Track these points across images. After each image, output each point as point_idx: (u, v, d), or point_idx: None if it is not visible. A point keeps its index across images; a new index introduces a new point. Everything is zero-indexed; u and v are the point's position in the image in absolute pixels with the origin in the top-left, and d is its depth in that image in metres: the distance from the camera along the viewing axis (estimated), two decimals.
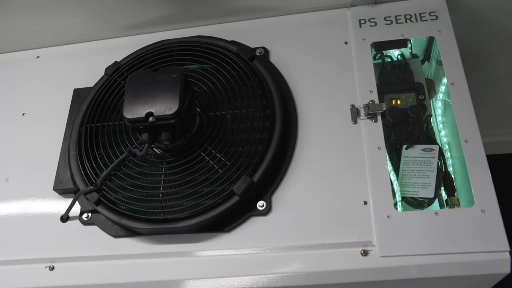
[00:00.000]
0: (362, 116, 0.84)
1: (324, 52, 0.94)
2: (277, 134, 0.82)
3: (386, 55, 0.98)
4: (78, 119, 0.93)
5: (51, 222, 0.87)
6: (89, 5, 1.02)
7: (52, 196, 0.90)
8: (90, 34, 1.08)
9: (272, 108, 0.84)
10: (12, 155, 0.97)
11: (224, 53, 0.91)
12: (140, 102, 0.77)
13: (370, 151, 0.81)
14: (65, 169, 0.90)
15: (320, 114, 0.87)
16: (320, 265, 0.74)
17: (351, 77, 0.89)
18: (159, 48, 0.96)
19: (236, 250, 0.77)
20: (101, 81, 0.97)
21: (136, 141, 0.86)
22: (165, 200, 0.79)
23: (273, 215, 0.79)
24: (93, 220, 0.85)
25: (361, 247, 0.74)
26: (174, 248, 0.79)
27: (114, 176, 0.84)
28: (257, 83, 0.87)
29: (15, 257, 0.85)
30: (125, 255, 0.81)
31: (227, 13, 1.01)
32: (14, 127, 1.01)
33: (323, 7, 0.99)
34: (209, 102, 0.86)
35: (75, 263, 0.82)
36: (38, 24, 1.06)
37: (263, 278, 0.75)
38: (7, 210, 0.90)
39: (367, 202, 0.77)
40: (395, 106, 0.90)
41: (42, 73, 1.08)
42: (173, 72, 0.79)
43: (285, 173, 0.82)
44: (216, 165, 0.80)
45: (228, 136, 0.83)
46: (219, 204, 0.77)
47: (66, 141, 0.93)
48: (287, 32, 0.99)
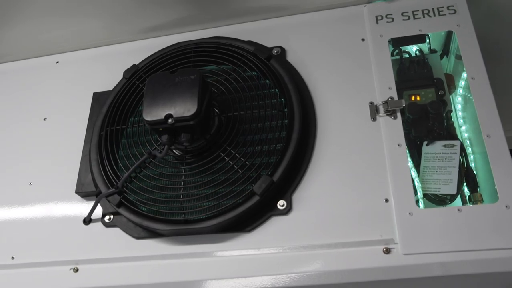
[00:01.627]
0: (381, 113, 0.84)
1: (341, 49, 0.93)
2: (296, 133, 0.82)
3: (404, 51, 0.98)
4: (98, 122, 0.94)
5: (74, 224, 0.88)
6: (106, 10, 1.03)
7: (74, 199, 0.91)
8: (108, 38, 1.10)
9: (290, 107, 0.84)
10: (34, 159, 0.98)
11: (241, 53, 0.91)
12: (159, 104, 0.78)
13: (390, 148, 0.80)
14: (86, 172, 0.91)
15: (338, 112, 0.87)
16: (342, 263, 0.73)
17: (369, 74, 0.88)
18: (177, 50, 0.97)
19: (257, 249, 0.78)
20: (119, 84, 0.98)
21: (156, 143, 0.86)
22: (186, 201, 0.80)
23: (294, 214, 0.79)
24: (115, 222, 0.86)
25: (383, 245, 0.73)
26: (195, 248, 0.80)
27: (135, 178, 0.85)
28: (274, 82, 0.87)
29: (40, 259, 0.86)
30: (147, 256, 0.81)
31: (243, 13, 1.01)
32: (36, 132, 1.02)
33: (339, 5, 0.99)
34: (227, 103, 0.87)
35: (99, 264, 0.83)
36: (57, 30, 1.08)
37: (285, 278, 0.75)
38: (31, 214, 0.92)
39: (388, 199, 0.76)
40: (415, 102, 0.89)
41: (62, 78, 1.09)
42: (191, 74, 0.79)
43: (305, 172, 0.82)
44: (236, 165, 0.80)
45: (247, 136, 0.83)
46: (239, 204, 0.78)
47: (87, 144, 0.95)
48: (304, 30, 0.98)
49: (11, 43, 1.11)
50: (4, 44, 1.11)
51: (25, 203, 0.93)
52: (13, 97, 1.09)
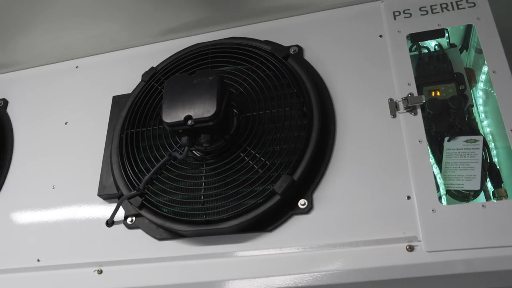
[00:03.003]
0: (401, 110, 0.83)
1: (358, 46, 0.93)
2: (316, 132, 0.81)
3: (423, 46, 0.97)
4: (118, 126, 0.95)
5: (97, 227, 0.89)
6: (124, 14, 1.04)
7: (96, 201, 0.92)
8: (126, 42, 1.11)
9: (309, 105, 0.84)
10: (57, 163, 1.00)
11: (259, 53, 0.91)
12: (179, 106, 0.78)
13: (411, 145, 0.79)
14: (108, 175, 0.92)
15: (357, 109, 0.86)
16: (364, 262, 0.73)
17: (387, 70, 0.88)
18: (194, 52, 0.97)
19: (279, 249, 0.78)
20: (138, 87, 0.99)
21: (176, 145, 0.87)
22: (207, 201, 0.80)
23: (315, 213, 0.79)
24: (137, 224, 0.86)
25: (406, 243, 0.72)
26: (217, 249, 0.80)
27: (156, 180, 0.85)
28: (292, 81, 0.86)
29: (65, 261, 0.87)
30: (170, 257, 0.82)
31: (260, 13, 1.02)
32: (58, 136, 1.04)
33: (355, 1, 0.98)
34: (246, 103, 0.87)
35: (122, 266, 0.84)
36: (76, 35, 1.09)
37: (308, 277, 0.75)
38: (56, 217, 0.93)
39: (410, 196, 0.76)
40: (435, 97, 0.88)
41: (82, 82, 1.11)
42: (210, 75, 0.80)
43: (325, 170, 0.82)
44: (256, 165, 0.80)
45: (266, 135, 0.83)
46: (260, 204, 0.78)
47: (107, 148, 0.96)
48: (320, 28, 0.98)
49: (32, 50, 1.13)
50: (25, 51, 1.13)
51: (49, 207, 0.95)
52: (35, 102, 1.11)
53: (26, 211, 0.96)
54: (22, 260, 0.90)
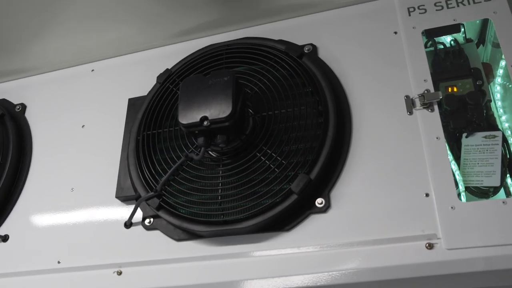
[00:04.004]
0: (417, 107, 0.82)
1: (373, 44, 0.92)
2: (332, 130, 0.81)
3: (438, 42, 0.96)
4: (134, 128, 0.96)
5: (115, 228, 0.90)
6: (138, 17, 1.05)
7: (115, 203, 0.93)
8: (140, 44, 1.11)
9: (325, 104, 0.84)
10: (75, 166, 1.01)
11: (273, 53, 0.91)
12: (194, 107, 0.79)
13: (428, 142, 0.78)
14: (125, 176, 0.93)
15: (373, 107, 0.86)
16: (383, 260, 0.73)
17: (403, 67, 0.87)
18: (208, 53, 0.97)
19: (297, 248, 0.77)
20: (154, 89, 1.00)
21: (192, 146, 0.87)
22: (224, 202, 0.80)
23: (333, 211, 0.78)
24: (155, 225, 0.87)
25: (425, 240, 0.72)
26: (235, 249, 0.80)
27: (173, 181, 0.86)
28: (307, 80, 0.86)
29: (85, 263, 0.88)
30: (188, 258, 0.82)
31: (273, 13, 1.01)
32: (75, 139, 1.05)
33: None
34: (261, 103, 0.87)
35: (141, 267, 0.85)
36: (91, 39, 1.10)
37: (326, 276, 0.74)
38: (75, 219, 0.94)
39: (429, 194, 0.75)
40: (452, 93, 0.87)
41: (98, 85, 1.12)
42: (225, 75, 0.80)
43: (342, 169, 0.81)
44: (273, 164, 0.80)
45: (282, 135, 0.83)
46: (278, 204, 0.78)
47: (124, 150, 0.96)
48: (334, 26, 0.97)
49: (48, 54, 1.14)
50: (41, 56, 1.15)
51: (68, 209, 0.96)
52: (52, 106, 1.12)
53: (45, 214, 0.97)
54: (43, 262, 0.91)
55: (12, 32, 1.08)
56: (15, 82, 1.21)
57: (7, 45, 1.12)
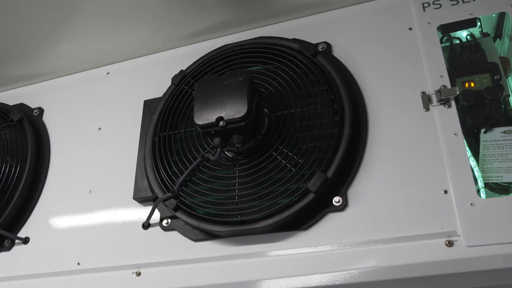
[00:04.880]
0: (434, 103, 0.81)
1: (388, 40, 0.91)
2: (348, 128, 0.81)
3: (454, 37, 0.95)
4: (150, 129, 0.96)
5: (134, 230, 0.91)
6: (152, 19, 1.05)
7: (132, 205, 0.94)
8: (154, 46, 1.12)
9: (340, 102, 0.83)
10: (92, 168, 1.02)
11: (287, 52, 0.91)
12: (210, 108, 0.79)
13: (446, 138, 0.78)
14: (142, 178, 0.94)
15: (390, 104, 0.85)
16: (403, 258, 0.72)
17: (419, 63, 0.86)
18: (222, 53, 0.98)
19: (315, 247, 0.77)
20: (169, 91, 1.00)
21: (208, 146, 0.88)
22: (241, 202, 0.81)
23: (350, 210, 0.78)
24: (173, 225, 0.87)
25: (445, 238, 0.71)
26: (253, 248, 0.80)
27: (190, 182, 0.86)
28: (322, 78, 0.86)
29: (104, 264, 0.89)
30: (206, 258, 0.83)
31: (286, 11, 1.01)
32: (92, 142, 1.06)
33: None
34: (276, 102, 0.87)
35: (160, 268, 0.85)
36: (106, 42, 1.11)
37: (345, 274, 0.74)
38: (93, 221, 0.95)
39: (448, 191, 0.74)
40: (469, 89, 0.86)
41: (113, 88, 1.13)
42: (239, 75, 0.80)
43: (359, 166, 0.81)
44: (289, 163, 0.80)
45: (298, 134, 0.82)
46: (295, 203, 0.77)
47: (141, 151, 0.97)
48: (348, 24, 0.97)
49: (64, 59, 1.16)
50: (58, 60, 1.16)
51: (87, 211, 0.97)
52: (68, 110, 1.14)
53: (64, 216, 0.98)
54: (63, 263, 0.92)
55: (29, 38, 1.10)
56: (32, 87, 1.23)
57: (24, 51, 1.14)
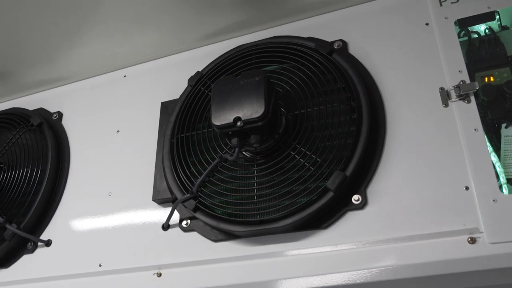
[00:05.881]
0: (453, 98, 0.81)
1: (404, 36, 0.91)
2: (366, 126, 0.80)
3: (472, 31, 0.93)
4: (168, 131, 0.97)
5: (153, 231, 0.92)
6: (168, 21, 1.06)
7: (152, 206, 0.94)
8: (170, 48, 1.13)
9: (357, 100, 0.83)
10: (112, 171, 1.03)
11: (303, 51, 0.91)
12: (227, 108, 0.79)
13: (466, 134, 0.77)
14: (161, 179, 0.94)
15: (407, 100, 0.84)
16: (424, 256, 0.71)
17: (436, 59, 0.85)
18: (238, 53, 0.98)
19: (335, 246, 0.77)
20: (185, 92, 1.01)
21: (226, 147, 0.88)
22: (260, 201, 0.81)
23: (370, 208, 0.78)
24: (193, 226, 0.88)
25: (467, 235, 0.70)
26: (273, 248, 0.80)
27: (208, 182, 0.86)
28: (339, 76, 0.85)
29: (125, 265, 0.90)
30: (226, 258, 0.83)
31: (301, 10, 1.01)
32: (111, 144, 1.07)
33: None
34: (293, 101, 0.87)
35: (180, 268, 0.86)
36: (122, 45, 1.12)
37: (366, 273, 0.74)
38: (114, 223, 0.96)
39: (469, 187, 0.73)
40: (489, 83, 0.85)
41: (130, 90, 1.13)
42: (256, 75, 0.80)
43: (378, 164, 0.80)
44: (307, 162, 0.80)
45: (315, 132, 0.82)
46: (314, 201, 0.77)
47: (159, 153, 0.98)
48: (364, 21, 0.96)
49: (82, 63, 1.17)
50: (75, 64, 1.18)
51: (107, 213, 0.98)
52: (87, 113, 1.15)
53: (85, 218, 1.00)
54: (85, 265, 0.93)
55: (47, 43, 1.11)
56: (51, 91, 1.25)
57: (42, 56, 1.15)
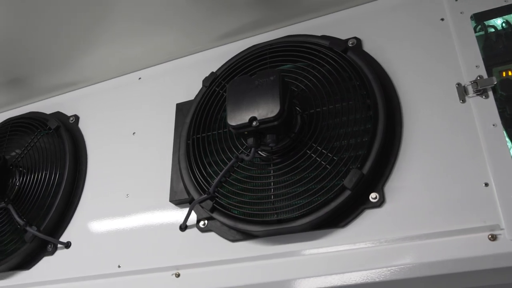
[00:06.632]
0: (470, 94, 0.80)
1: (420, 32, 0.90)
2: (382, 123, 0.80)
3: (489, 26, 0.92)
4: (184, 132, 0.97)
5: (171, 232, 0.92)
6: (181, 22, 1.06)
7: (169, 207, 0.95)
8: (184, 50, 1.13)
9: (373, 97, 0.82)
10: (129, 173, 1.04)
11: (317, 49, 0.91)
12: (242, 108, 0.79)
13: (484, 130, 0.76)
14: (178, 180, 0.95)
15: (424, 97, 0.83)
16: (444, 253, 0.71)
17: (452, 54, 0.84)
18: (252, 53, 0.98)
19: (353, 244, 0.77)
20: (200, 93, 1.01)
21: (242, 147, 0.88)
22: (277, 201, 0.81)
23: (388, 206, 0.77)
24: (210, 227, 0.88)
25: (488, 232, 0.69)
26: (291, 247, 0.80)
27: (225, 183, 0.87)
28: (354, 74, 0.85)
29: (144, 266, 0.90)
30: (244, 258, 0.83)
31: (314, 9, 1.01)
32: (127, 146, 1.08)
33: None
34: (308, 100, 0.87)
35: (199, 269, 0.86)
36: (137, 48, 1.13)
37: (385, 271, 0.73)
38: (132, 224, 0.97)
39: (488, 183, 0.72)
40: (507, 78, 0.83)
41: (145, 92, 1.14)
42: (270, 75, 0.80)
43: (395, 161, 0.80)
44: (324, 161, 0.80)
45: (331, 131, 0.82)
46: (331, 200, 0.77)
47: (175, 154, 0.98)
48: (378, 18, 0.96)
49: (97, 66, 1.18)
50: (91, 68, 1.19)
51: (125, 215, 0.99)
52: (103, 116, 1.16)
53: (104, 220, 1.01)
54: (104, 266, 0.94)
55: (63, 48, 1.12)
56: (67, 95, 1.26)
57: (58, 60, 1.17)
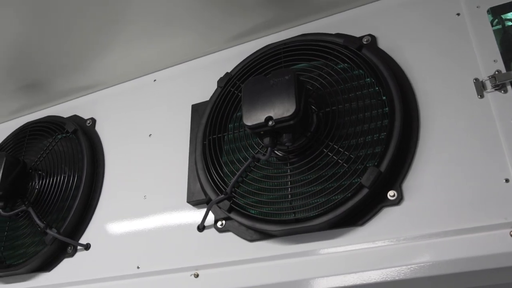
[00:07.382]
0: (488, 89, 0.79)
1: (435, 28, 0.89)
2: (399, 120, 0.79)
3: (506, 19, 0.91)
4: (200, 133, 0.98)
5: (189, 232, 0.93)
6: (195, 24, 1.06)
7: (186, 208, 0.95)
8: (199, 51, 1.13)
9: (389, 94, 0.82)
10: (146, 174, 1.05)
11: (331, 47, 0.90)
12: (258, 108, 0.79)
13: (504, 125, 0.75)
14: (195, 181, 0.95)
15: (441, 93, 0.83)
16: (465, 251, 0.70)
17: (469, 49, 0.84)
18: (266, 53, 0.98)
19: (372, 243, 0.76)
20: (215, 94, 1.01)
21: (258, 146, 0.88)
22: (295, 200, 0.80)
23: (406, 203, 0.77)
24: (228, 227, 0.88)
25: (509, 228, 0.69)
26: (309, 246, 0.80)
27: (242, 183, 0.87)
28: (369, 71, 0.85)
29: (163, 267, 0.91)
30: (263, 258, 0.83)
31: (327, 7, 1.00)
32: (144, 148, 1.09)
33: None
34: (324, 98, 0.86)
35: (217, 269, 0.86)
36: (151, 50, 1.13)
37: (405, 269, 0.73)
38: (150, 225, 0.98)
39: (509, 179, 0.72)
40: None
41: (161, 94, 1.15)
42: (285, 74, 0.80)
43: (413, 159, 0.79)
44: (341, 159, 0.79)
45: (348, 129, 0.82)
46: (349, 198, 0.77)
47: (192, 155, 0.99)
48: (392, 14, 0.95)
49: (113, 69, 1.19)
50: (106, 71, 1.20)
51: (143, 216, 1.00)
52: (119, 118, 1.17)
53: (122, 222, 1.01)
54: (123, 268, 0.95)
55: (80, 51, 1.14)
56: (84, 98, 1.28)
57: (74, 64, 1.18)
